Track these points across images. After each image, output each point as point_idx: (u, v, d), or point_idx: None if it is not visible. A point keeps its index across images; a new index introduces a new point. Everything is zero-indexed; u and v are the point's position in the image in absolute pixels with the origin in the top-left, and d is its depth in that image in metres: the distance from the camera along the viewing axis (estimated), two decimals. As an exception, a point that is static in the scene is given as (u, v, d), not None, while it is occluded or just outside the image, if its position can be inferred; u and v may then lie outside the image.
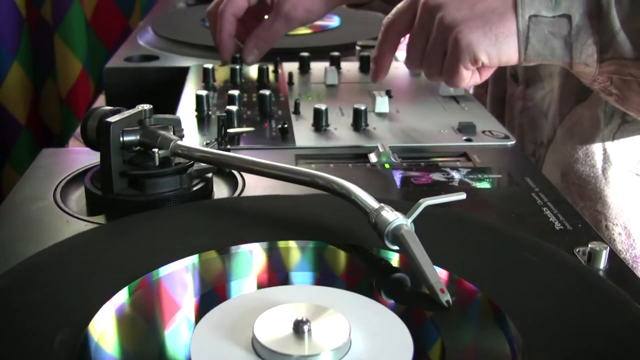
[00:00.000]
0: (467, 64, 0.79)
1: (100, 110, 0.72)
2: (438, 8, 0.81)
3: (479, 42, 0.78)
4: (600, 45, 0.76)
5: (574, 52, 0.77)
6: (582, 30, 0.76)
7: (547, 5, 0.77)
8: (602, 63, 0.77)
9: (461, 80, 0.82)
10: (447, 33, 0.80)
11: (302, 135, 0.88)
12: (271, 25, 1.14)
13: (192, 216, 0.65)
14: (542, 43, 0.78)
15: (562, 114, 1.00)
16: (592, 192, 0.97)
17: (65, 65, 2.01)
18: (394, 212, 0.56)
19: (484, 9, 0.79)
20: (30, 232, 0.65)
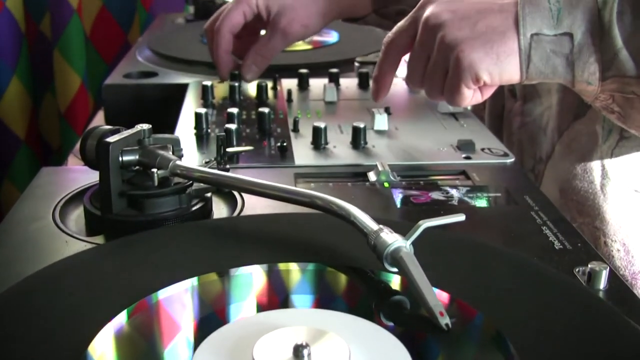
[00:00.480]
0: (469, 83, 0.79)
1: (99, 129, 0.72)
2: (439, 27, 0.81)
3: (481, 61, 0.78)
4: (602, 63, 0.76)
5: (575, 70, 0.77)
6: (584, 49, 0.76)
7: (549, 24, 0.77)
8: (604, 81, 0.77)
9: (463, 99, 0.81)
10: (449, 52, 0.80)
11: (301, 154, 0.88)
12: (268, 41, 1.14)
13: (191, 237, 0.65)
14: (543, 61, 0.77)
15: (561, 130, 1.00)
16: (591, 209, 0.97)
17: (64, 80, 2.01)
18: (393, 234, 0.56)
19: (485, 28, 0.78)
20: (29, 253, 0.65)
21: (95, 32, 2.12)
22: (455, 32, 0.79)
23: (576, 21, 0.76)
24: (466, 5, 0.81)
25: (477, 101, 0.83)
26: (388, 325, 0.53)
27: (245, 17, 1.14)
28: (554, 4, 0.77)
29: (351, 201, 0.60)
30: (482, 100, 0.84)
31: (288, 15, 1.13)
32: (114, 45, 2.15)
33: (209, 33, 1.17)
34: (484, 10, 0.80)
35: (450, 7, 0.81)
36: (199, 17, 1.72)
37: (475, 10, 0.80)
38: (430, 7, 0.83)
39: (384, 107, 1.00)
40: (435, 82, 0.83)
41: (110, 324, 0.51)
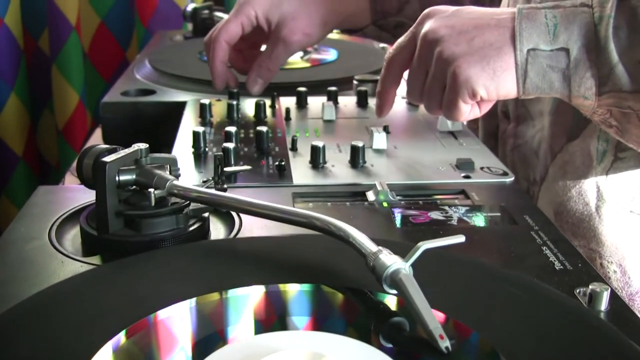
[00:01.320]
0: (466, 98, 0.80)
1: (96, 148, 0.71)
2: (437, 42, 0.81)
3: (477, 76, 0.78)
4: (598, 78, 0.76)
5: (572, 85, 0.77)
6: (581, 64, 0.76)
7: (545, 39, 0.77)
8: (600, 96, 0.77)
9: (460, 114, 0.82)
10: (446, 67, 0.80)
11: (299, 173, 0.87)
12: (271, 52, 1.15)
13: (189, 258, 0.64)
14: (540, 76, 0.78)
15: (554, 152, 0.99)
16: (586, 231, 0.96)
17: (63, 96, 2.01)
18: (392, 255, 0.56)
19: (482, 43, 0.79)
20: (25, 273, 0.64)
21: (93, 48, 2.12)
22: (453, 47, 0.80)
23: (572, 36, 0.76)
24: (464, 20, 0.81)
25: (475, 116, 0.84)
26: (387, 347, 0.53)
27: (243, 28, 1.14)
28: (551, 19, 0.77)
29: (350, 221, 0.59)
30: (480, 115, 0.84)
31: (289, 24, 1.14)
32: (112, 62, 2.14)
33: (207, 44, 1.17)
34: (481, 25, 0.80)
35: (448, 23, 0.81)
36: (197, 34, 1.72)
37: (472, 26, 0.80)
38: (429, 22, 0.83)
39: (383, 126, 0.99)
40: (434, 97, 0.83)
41: (107, 346, 0.51)
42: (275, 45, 1.14)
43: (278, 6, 1.14)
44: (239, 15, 1.14)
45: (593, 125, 0.94)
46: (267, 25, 1.14)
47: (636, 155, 0.92)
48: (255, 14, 1.13)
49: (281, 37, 1.14)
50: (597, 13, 0.76)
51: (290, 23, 1.14)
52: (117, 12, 2.11)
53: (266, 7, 1.14)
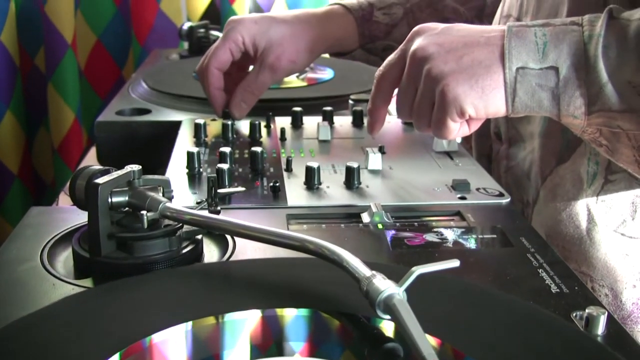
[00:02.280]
0: (454, 116, 0.80)
1: (88, 169, 0.71)
2: (425, 60, 0.81)
3: (466, 95, 0.78)
4: (587, 97, 0.76)
5: (561, 104, 0.77)
6: (570, 83, 0.76)
7: (535, 57, 0.77)
8: (590, 115, 0.77)
9: (449, 132, 0.82)
10: (434, 85, 0.80)
11: (293, 194, 0.87)
12: (256, 77, 1.14)
13: (181, 281, 0.64)
14: (529, 95, 0.78)
15: (544, 175, 0.99)
16: (577, 254, 0.96)
17: (58, 114, 2.01)
18: (386, 280, 0.55)
19: (470, 62, 0.79)
20: (16, 295, 0.64)
21: (89, 66, 2.12)
22: (441, 65, 0.80)
23: (562, 55, 0.76)
24: (453, 38, 0.81)
25: (464, 134, 0.84)
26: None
27: (232, 54, 1.14)
28: (540, 37, 0.77)
29: (344, 243, 0.59)
30: (470, 132, 0.84)
31: (276, 51, 1.13)
32: (108, 80, 2.15)
33: (200, 73, 1.17)
34: (470, 43, 0.80)
35: (437, 40, 0.81)
36: (193, 53, 1.72)
37: (461, 44, 0.80)
38: (418, 39, 0.83)
39: (378, 146, 0.99)
40: (423, 115, 0.83)
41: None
42: (261, 71, 1.14)
43: (265, 32, 1.14)
44: (227, 42, 1.14)
45: (583, 148, 0.93)
46: (254, 50, 1.14)
47: (627, 178, 0.92)
48: (243, 39, 1.13)
49: (267, 63, 1.14)
50: (586, 32, 0.76)
51: (277, 49, 1.13)
52: (113, 30, 2.11)
53: (253, 32, 1.14)
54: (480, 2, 1.26)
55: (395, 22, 1.22)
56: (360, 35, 1.22)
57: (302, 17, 1.17)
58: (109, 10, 2.10)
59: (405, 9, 1.23)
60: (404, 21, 1.22)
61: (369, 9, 1.22)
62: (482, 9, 1.25)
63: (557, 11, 0.92)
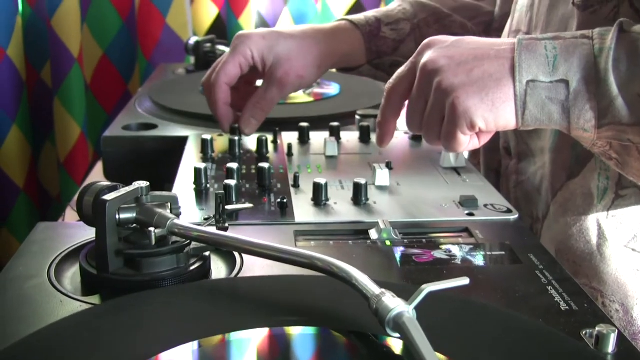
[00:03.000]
0: (465, 129, 0.80)
1: (96, 186, 0.71)
2: (436, 73, 0.81)
3: (476, 107, 0.78)
4: (598, 111, 0.76)
5: (571, 117, 0.77)
6: (580, 96, 0.76)
7: (545, 70, 0.77)
8: (600, 128, 0.77)
9: (459, 145, 0.82)
10: (445, 98, 0.80)
11: (301, 211, 0.86)
12: (265, 93, 1.14)
13: (190, 298, 0.64)
14: (539, 108, 0.77)
15: (555, 190, 0.98)
16: (588, 269, 0.95)
17: (64, 129, 2.01)
18: (395, 298, 0.55)
19: (481, 74, 0.79)
20: (23, 312, 0.64)
21: (95, 81, 2.13)
22: (452, 78, 0.80)
23: (572, 68, 0.76)
24: (463, 51, 0.81)
25: (474, 147, 0.84)
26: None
27: (241, 68, 1.14)
28: (551, 50, 0.77)
29: (352, 260, 0.59)
30: (480, 146, 0.84)
31: (284, 66, 1.13)
32: (114, 94, 2.15)
33: (207, 87, 1.16)
34: (481, 56, 0.80)
35: (447, 53, 0.81)
36: (199, 67, 1.72)
37: (472, 56, 0.80)
38: (429, 52, 0.83)
39: (385, 162, 0.99)
40: (433, 128, 0.83)
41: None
42: (269, 86, 1.14)
43: (273, 47, 1.14)
44: (237, 56, 1.13)
45: (593, 163, 0.93)
46: (262, 65, 1.14)
47: (637, 193, 0.91)
48: (252, 53, 1.13)
49: (276, 78, 1.13)
50: (597, 45, 0.76)
51: (285, 64, 1.13)
52: (120, 44, 2.12)
53: (261, 47, 1.13)
54: (488, 17, 1.26)
55: (403, 38, 1.22)
56: (367, 51, 1.22)
57: (309, 33, 1.17)
58: (115, 25, 2.11)
59: (413, 24, 1.23)
60: (411, 37, 1.22)
61: (376, 24, 1.22)
62: (489, 23, 1.25)
63: (566, 25, 0.92)
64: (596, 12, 0.88)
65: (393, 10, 1.25)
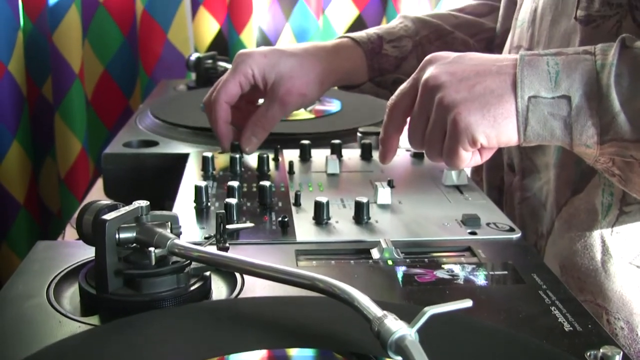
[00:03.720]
0: (466, 145, 0.80)
1: (96, 205, 0.71)
2: (437, 89, 0.81)
3: (478, 124, 0.78)
4: (600, 126, 0.76)
5: (574, 133, 0.77)
6: (582, 112, 0.76)
7: (547, 86, 0.77)
8: (602, 144, 0.76)
9: (461, 161, 0.82)
10: (446, 114, 0.80)
11: (302, 230, 0.86)
12: (267, 111, 1.14)
13: (190, 319, 0.63)
14: (541, 124, 0.77)
15: (559, 206, 0.98)
16: (592, 286, 0.95)
17: (65, 144, 2.01)
18: (398, 320, 0.54)
19: (482, 90, 0.79)
20: (22, 332, 0.63)
21: (96, 96, 2.13)
22: (453, 94, 0.80)
23: (574, 84, 0.76)
24: (465, 67, 0.81)
25: (476, 163, 0.84)
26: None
27: (242, 87, 1.14)
28: (553, 66, 0.77)
29: (354, 280, 0.59)
30: (482, 162, 0.84)
31: (286, 84, 1.13)
32: (115, 110, 2.15)
33: (208, 106, 1.16)
34: (483, 72, 0.80)
35: (449, 69, 0.81)
36: (200, 84, 1.72)
37: (473, 72, 0.80)
38: (430, 68, 0.83)
39: (387, 180, 0.98)
40: (435, 144, 0.83)
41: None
42: (271, 105, 1.13)
43: (275, 65, 1.13)
44: (237, 75, 1.13)
45: (597, 179, 0.93)
46: (264, 83, 1.14)
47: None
48: (253, 72, 1.13)
49: (277, 96, 1.13)
50: (599, 61, 0.76)
51: (287, 83, 1.13)
52: (121, 60, 2.12)
53: (263, 65, 1.13)
54: (490, 34, 1.26)
55: (405, 55, 1.22)
56: (369, 68, 1.21)
57: (311, 50, 1.17)
58: (116, 40, 2.11)
59: (415, 41, 1.23)
60: (413, 54, 1.22)
61: (378, 42, 1.21)
62: (491, 40, 1.25)
63: (569, 40, 0.92)
64: (599, 26, 0.88)
65: (395, 27, 1.25)
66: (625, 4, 0.85)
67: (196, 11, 2.09)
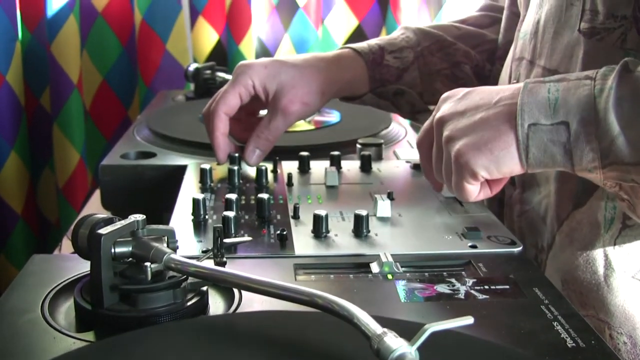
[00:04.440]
0: (469, 179, 0.81)
1: (91, 218, 0.70)
2: (444, 125, 0.84)
3: (475, 158, 0.80)
4: (600, 151, 0.75)
5: (574, 159, 0.77)
6: (580, 137, 0.76)
7: (546, 113, 0.77)
8: (604, 169, 0.76)
9: (469, 195, 0.83)
10: (449, 150, 0.82)
11: (301, 243, 0.85)
12: (269, 123, 1.13)
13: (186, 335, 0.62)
14: (542, 151, 0.77)
15: (560, 220, 0.97)
16: (595, 300, 0.94)
17: (63, 155, 2.00)
18: (398, 338, 0.53)
19: (480, 124, 0.80)
20: (16, 348, 0.62)
21: (95, 107, 2.12)
22: (454, 130, 0.82)
23: (571, 110, 0.76)
24: (469, 102, 0.83)
25: (487, 195, 0.85)
26: None
27: (242, 98, 1.13)
28: (553, 93, 0.77)
29: (353, 295, 0.58)
30: (493, 194, 0.85)
31: (288, 94, 1.12)
32: (113, 120, 2.14)
33: (206, 117, 1.15)
34: (482, 105, 0.82)
35: (456, 106, 0.84)
36: (199, 94, 1.71)
37: (475, 106, 0.82)
38: (443, 106, 0.86)
39: (387, 192, 0.98)
40: (448, 178, 0.85)
41: None
42: (273, 116, 1.13)
43: (275, 76, 1.12)
44: (237, 86, 1.12)
45: (600, 193, 0.92)
46: (265, 94, 1.13)
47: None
48: (253, 83, 1.12)
49: (279, 107, 1.12)
50: (598, 85, 0.75)
51: (289, 93, 1.12)
52: (119, 70, 2.11)
53: (263, 76, 1.12)
54: (492, 45, 1.25)
55: (406, 66, 1.21)
56: (370, 79, 1.20)
57: (311, 61, 1.16)
58: (115, 50, 2.11)
59: (416, 52, 1.22)
60: (414, 65, 1.21)
61: (380, 52, 1.21)
62: (493, 51, 1.24)
63: (572, 53, 0.91)
64: (603, 39, 0.87)
65: (396, 38, 1.24)
66: (630, 16, 0.84)
67: (195, 21, 2.08)
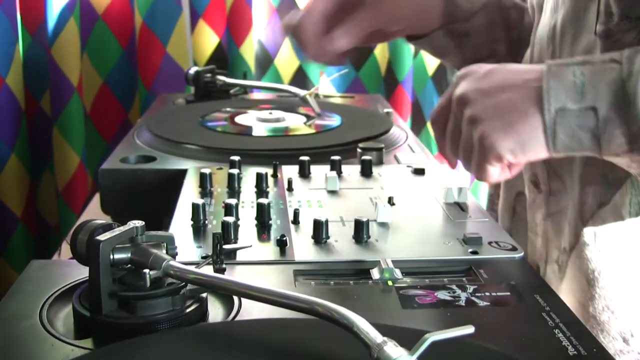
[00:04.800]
0: (493, 162, 0.80)
1: (90, 224, 0.70)
2: (466, 105, 0.81)
3: (502, 140, 0.78)
4: (629, 136, 0.74)
5: (602, 143, 0.76)
6: (610, 122, 0.75)
7: (573, 97, 0.76)
8: (632, 153, 0.76)
9: (489, 177, 0.82)
10: (472, 131, 0.80)
11: (301, 249, 0.85)
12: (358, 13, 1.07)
13: (185, 343, 0.62)
14: (569, 136, 0.76)
15: (585, 220, 0.96)
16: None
17: (63, 158, 2.00)
18: (398, 347, 0.53)
19: (506, 106, 0.78)
20: (13, 356, 0.62)
21: (95, 110, 2.12)
22: (479, 110, 0.80)
23: (600, 95, 0.75)
24: (492, 82, 0.81)
25: (506, 177, 0.83)
26: None
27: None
28: (579, 76, 0.76)
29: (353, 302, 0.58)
30: (511, 177, 0.84)
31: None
32: (114, 123, 2.14)
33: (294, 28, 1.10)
34: (508, 86, 0.80)
35: (477, 85, 0.81)
36: (199, 98, 1.71)
37: (499, 87, 0.80)
38: (462, 83, 0.83)
39: (388, 198, 0.97)
40: (466, 158, 0.83)
41: None
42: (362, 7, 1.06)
43: None
44: None
45: (624, 189, 0.91)
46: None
47: None
48: None
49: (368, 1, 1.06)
50: (625, 69, 0.75)
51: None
52: (119, 73, 2.11)
53: None
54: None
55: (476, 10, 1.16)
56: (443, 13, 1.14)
57: None
58: (115, 54, 2.10)
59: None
60: (482, 12, 1.15)
61: None
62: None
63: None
64: (619, 40, 0.86)
65: None
66: None
67: (195, 24, 2.08)
